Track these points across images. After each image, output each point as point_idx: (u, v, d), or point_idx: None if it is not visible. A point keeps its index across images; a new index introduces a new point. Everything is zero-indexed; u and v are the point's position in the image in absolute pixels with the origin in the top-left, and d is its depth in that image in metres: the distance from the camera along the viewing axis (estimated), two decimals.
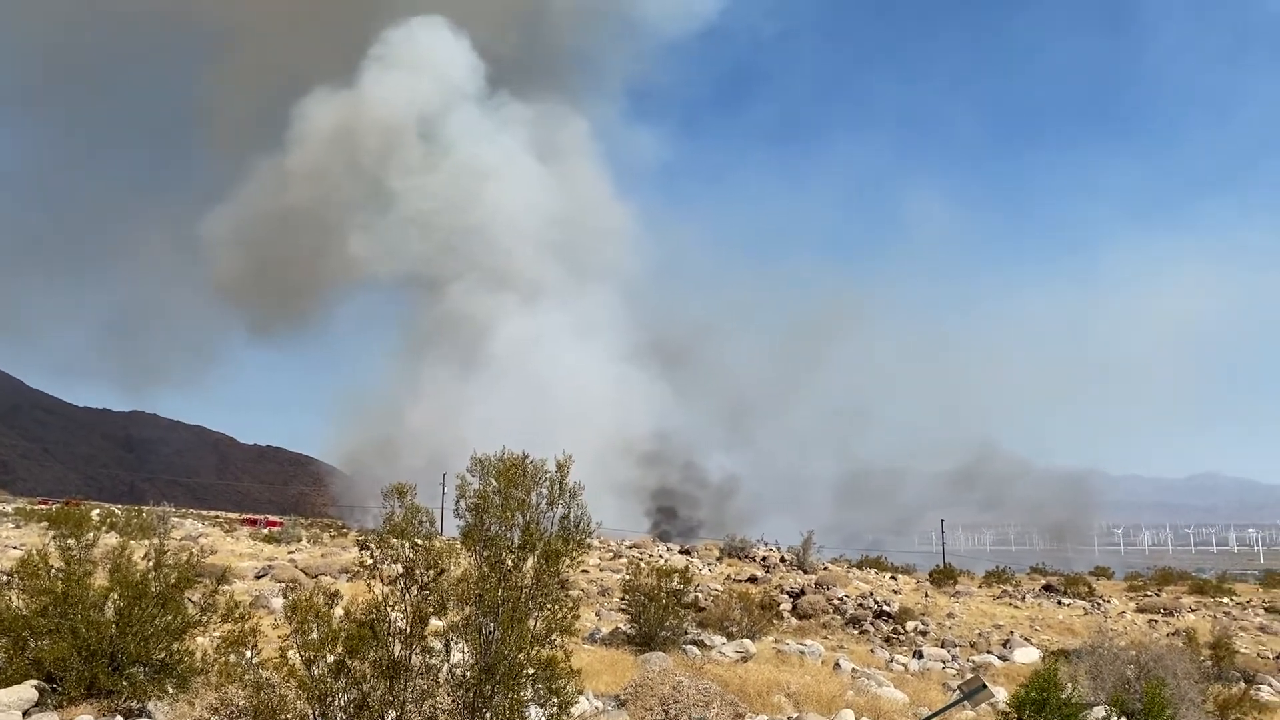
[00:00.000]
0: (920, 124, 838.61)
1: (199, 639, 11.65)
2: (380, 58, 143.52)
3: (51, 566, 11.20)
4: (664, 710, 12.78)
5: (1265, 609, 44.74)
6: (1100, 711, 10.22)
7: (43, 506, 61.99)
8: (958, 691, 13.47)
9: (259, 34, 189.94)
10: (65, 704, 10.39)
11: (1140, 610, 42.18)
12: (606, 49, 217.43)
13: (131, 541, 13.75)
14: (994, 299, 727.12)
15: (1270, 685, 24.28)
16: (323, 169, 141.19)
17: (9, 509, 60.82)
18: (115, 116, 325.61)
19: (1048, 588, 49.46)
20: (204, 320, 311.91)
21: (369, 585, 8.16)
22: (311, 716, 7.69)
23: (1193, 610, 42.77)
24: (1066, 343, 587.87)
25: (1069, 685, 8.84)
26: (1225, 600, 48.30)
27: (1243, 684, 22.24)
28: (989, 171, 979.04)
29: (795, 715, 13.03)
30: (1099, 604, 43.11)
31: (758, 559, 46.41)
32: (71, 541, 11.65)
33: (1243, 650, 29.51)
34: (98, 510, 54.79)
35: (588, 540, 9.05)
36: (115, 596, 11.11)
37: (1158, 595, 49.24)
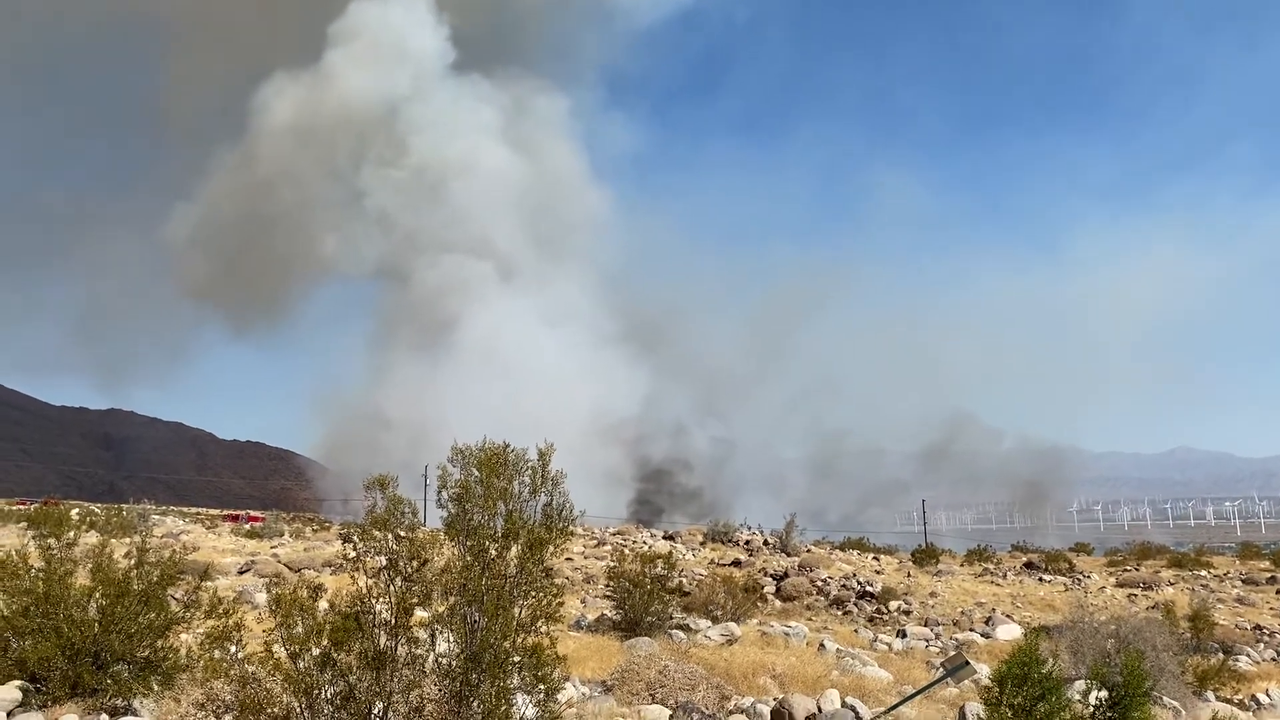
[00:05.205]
0: (889, 108, 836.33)
1: (183, 635, 11.63)
2: (346, 35, 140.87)
3: (32, 567, 11.14)
4: (650, 694, 12.85)
5: (1243, 580, 45.33)
6: (1081, 685, 10.35)
7: (21, 507, 61.59)
8: (941, 669, 13.59)
9: (219, 18, 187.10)
10: (50, 704, 10.35)
11: (1120, 585, 42.63)
12: (579, 36, 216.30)
13: (113, 540, 13.68)
14: (967, 282, 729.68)
15: (1248, 656, 24.61)
16: (290, 159, 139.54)
17: None
18: (77, 110, 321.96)
19: (1029, 565, 49.93)
20: (177, 316, 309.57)
21: (353, 578, 8.16)
22: (298, 709, 7.69)
23: (1171, 584, 43.26)
24: (1042, 324, 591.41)
25: (1050, 660, 8.94)
26: (1203, 573, 48.90)
27: (1221, 655, 22.54)
28: (959, 154, 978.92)
29: (781, 696, 13.12)
30: (1079, 580, 43.55)
31: (741, 543, 46.62)
32: (52, 541, 11.58)
33: (1221, 622, 29.87)
34: (77, 509, 54.49)
35: (571, 528, 9.07)
36: (98, 595, 11.06)
37: (1137, 570, 49.79)
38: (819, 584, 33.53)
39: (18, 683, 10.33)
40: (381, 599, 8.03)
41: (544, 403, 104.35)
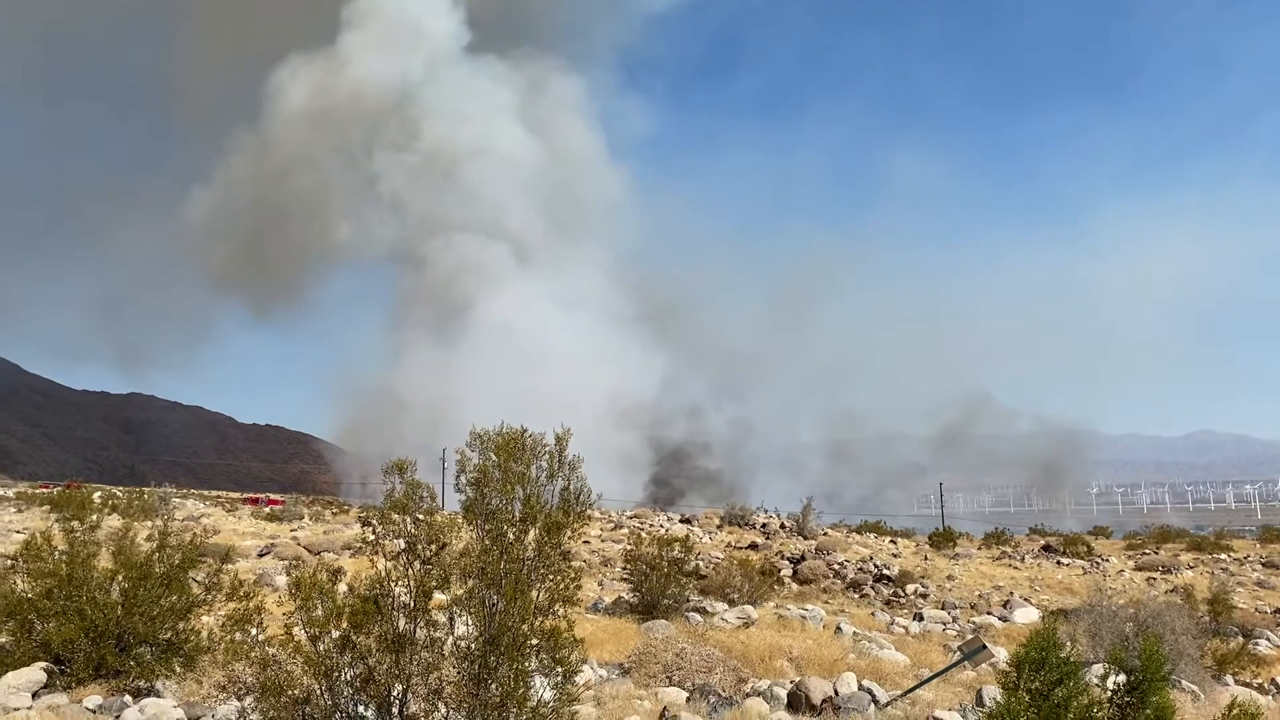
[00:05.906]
0: (906, 87, 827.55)
1: (204, 618, 11.75)
2: (360, 17, 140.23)
3: (56, 549, 11.26)
4: (668, 677, 12.90)
5: (1263, 564, 45.06)
6: (1099, 669, 10.33)
7: (44, 490, 62.18)
8: (958, 652, 13.60)
9: (233, 1, 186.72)
10: (74, 685, 10.48)
11: (1139, 568, 42.43)
12: (596, 16, 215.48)
13: (134, 523, 13.83)
14: (985, 262, 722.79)
15: (1268, 639, 24.50)
16: (305, 143, 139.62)
17: (10, 493, 60.97)
18: (94, 97, 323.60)
19: (1047, 548, 49.72)
20: (195, 300, 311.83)
21: (372, 561, 8.21)
22: (318, 691, 7.76)
23: (1191, 567, 43.02)
24: (1060, 305, 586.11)
25: (1068, 644, 8.92)
26: (1223, 556, 48.58)
27: (1240, 638, 22.43)
28: (976, 134, 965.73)
29: (797, 679, 13.15)
30: (1098, 563, 43.37)
31: (758, 526, 46.65)
32: (75, 524, 11.71)
33: (1240, 605, 29.72)
34: (99, 493, 54.99)
35: (588, 511, 9.10)
36: (120, 578, 11.18)
37: (1156, 553, 49.52)
38: (836, 567, 33.53)
39: (42, 664, 10.46)
40: (400, 582, 8.08)
41: (560, 385, 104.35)
